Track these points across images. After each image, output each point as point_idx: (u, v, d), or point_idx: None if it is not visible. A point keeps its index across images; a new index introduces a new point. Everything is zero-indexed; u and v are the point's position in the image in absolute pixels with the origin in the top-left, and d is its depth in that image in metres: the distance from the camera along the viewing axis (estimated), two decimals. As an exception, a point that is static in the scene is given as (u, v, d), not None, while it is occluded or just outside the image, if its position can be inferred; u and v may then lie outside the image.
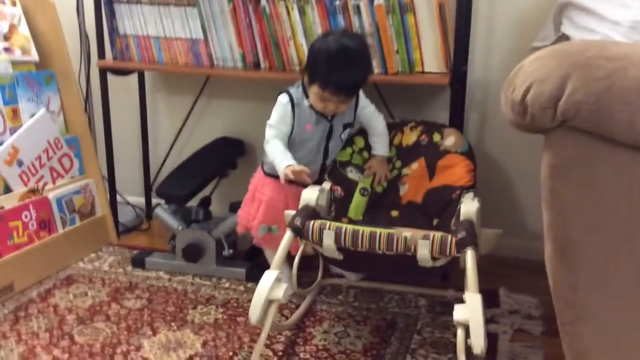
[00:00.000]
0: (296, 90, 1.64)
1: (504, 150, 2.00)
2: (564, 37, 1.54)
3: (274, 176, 1.66)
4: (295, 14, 1.82)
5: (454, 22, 1.74)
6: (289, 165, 1.52)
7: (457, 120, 1.79)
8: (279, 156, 1.56)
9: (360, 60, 1.59)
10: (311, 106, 1.61)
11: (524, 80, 1.01)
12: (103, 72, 2.04)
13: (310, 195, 1.49)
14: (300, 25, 1.83)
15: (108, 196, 2.13)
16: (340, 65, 1.54)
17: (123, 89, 2.25)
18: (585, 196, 0.97)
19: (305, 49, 1.85)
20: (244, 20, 1.88)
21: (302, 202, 1.48)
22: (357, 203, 1.66)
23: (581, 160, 0.97)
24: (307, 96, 1.62)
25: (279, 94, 1.65)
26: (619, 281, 0.97)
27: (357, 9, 1.77)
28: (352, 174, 1.67)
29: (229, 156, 2.10)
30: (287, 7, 1.82)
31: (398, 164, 1.71)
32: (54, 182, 1.96)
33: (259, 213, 1.70)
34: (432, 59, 1.78)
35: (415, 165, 1.69)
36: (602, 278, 0.97)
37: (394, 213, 1.66)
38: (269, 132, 1.62)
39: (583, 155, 0.97)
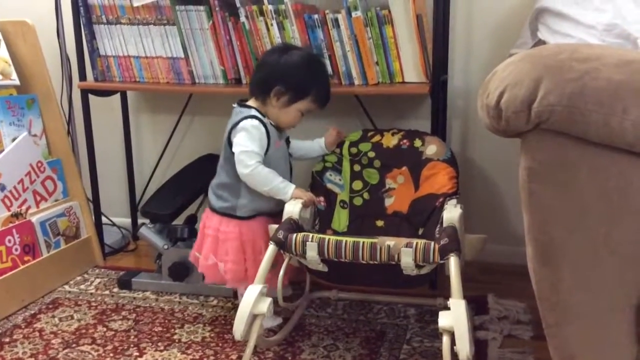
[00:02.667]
0: (255, 111, 1.59)
1: (487, 157, 2.01)
2: (540, 43, 1.56)
3: (262, 214, 1.58)
4: (274, 29, 1.83)
5: (432, 32, 1.75)
6: (295, 188, 1.53)
7: (439, 129, 1.80)
8: (277, 180, 1.53)
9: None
10: (270, 123, 1.60)
11: (498, 84, 1.02)
12: (84, 94, 2.04)
13: (293, 208, 1.48)
14: (280, 40, 1.84)
15: (93, 218, 2.11)
16: (326, 79, 1.66)
17: (106, 110, 2.25)
18: (563, 197, 0.97)
19: (285, 64, 1.85)
20: (224, 37, 1.89)
21: (285, 215, 1.47)
22: (339, 215, 1.65)
23: (557, 161, 0.98)
24: (264, 115, 1.59)
25: (237, 124, 1.57)
26: (600, 281, 0.97)
27: (336, 22, 1.79)
28: (331, 178, 1.67)
29: (214, 173, 2.09)
30: (266, 23, 1.83)
31: (377, 163, 1.69)
32: (37, 206, 1.95)
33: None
34: (411, 69, 1.79)
35: (401, 179, 1.68)
36: (583, 278, 0.97)
37: (379, 223, 1.66)
38: (253, 158, 1.53)
39: (559, 157, 0.98)
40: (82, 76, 2.04)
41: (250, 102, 1.63)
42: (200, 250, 1.65)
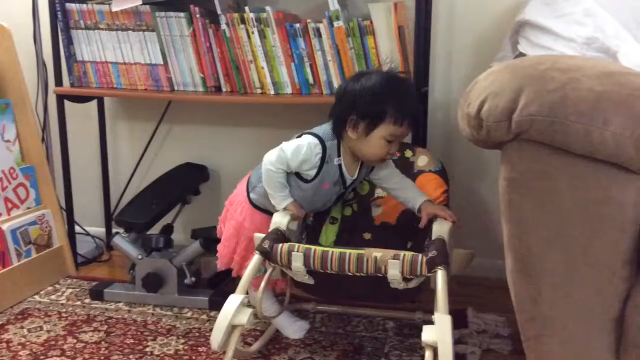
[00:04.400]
0: (331, 144, 1.45)
1: (466, 169, 2.01)
2: (521, 56, 1.56)
3: (271, 213, 1.49)
4: (255, 37, 1.82)
5: (413, 44, 1.75)
6: (292, 202, 1.46)
7: (419, 141, 1.79)
8: (282, 192, 1.45)
9: (412, 87, 1.51)
10: (339, 165, 1.46)
11: (479, 94, 1.02)
12: (60, 99, 1.99)
13: (281, 219, 1.45)
14: (261, 48, 1.82)
15: (66, 227, 2.06)
16: (407, 94, 1.43)
17: (82, 117, 2.21)
18: (543, 208, 0.96)
19: (267, 72, 1.84)
20: (204, 44, 1.87)
21: (272, 226, 1.44)
22: (327, 231, 1.63)
23: (538, 172, 0.97)
24: (339, 154, 1.46)
25: (303, 134, 1.46)
26: (579, 293, 0.96)
27: (317, 31, 1.78)
28: None
29: (192, 182, 2.06)
30: (247, 31, 1.82)
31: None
32: (8, 213, 1.89)
33: None
34: (393, 80, 1.78)
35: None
36: (562, 290, 0.96)
37: (367, 236, 1.63)
38: (280, 162, 1.43)
39: (539, 168, 0.97)
40: (58, 81, 2.00)
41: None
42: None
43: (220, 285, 1.88)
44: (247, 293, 1.30)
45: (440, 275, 1.22)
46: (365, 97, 1.40)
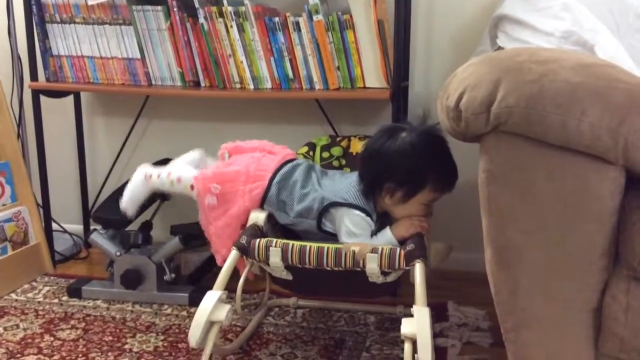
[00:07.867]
0: (369, 207, 1.39)
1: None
2: (500, 50, 1.56)
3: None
4: (234, 31, 1.80)
5: (393, 38, 1.75)
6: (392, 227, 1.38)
7: (399, 135, 1.79)
8: (376, 241, 1.37)
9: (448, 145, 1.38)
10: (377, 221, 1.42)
11: (457, 86, 1.02)
12: (36, 94, 1.96)
13: (258, 215, 1.44)
14: (239, 42, 1.81)
15: (43, 224, 2.03)
16: (449, 157, 1.37)
17: (58, 112, 2.18)
18: (521, 200, 0.97)
19: (246, 67, 1.82)
20: (182, 38, 1.85)
21: (250, 222, 1.43)
22: None
23: (516, 164, 0.97)
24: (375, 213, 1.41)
25: (352, 207, 1.37)
26: (558, 285, 0.96)
27: (297, 25, 1.77)
28: None
29: (171, 178, 2.03)
30: (226, 25, 1.80)
31: (347, 169, 1.68)
32: (-17, 210, 1.86)
33: None
34: (373, 74, 1.78)
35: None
36: (541, 282, 0.97)
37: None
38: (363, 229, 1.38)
39: (517, 159, 0.97)
40: (34, 76, 1.96)
41: None
42: None
43: (201, 281, 1.87)
44: (225, 289, 1.29)
45: (418, 268, 1.22)
46: (404, 163, 1.33)
